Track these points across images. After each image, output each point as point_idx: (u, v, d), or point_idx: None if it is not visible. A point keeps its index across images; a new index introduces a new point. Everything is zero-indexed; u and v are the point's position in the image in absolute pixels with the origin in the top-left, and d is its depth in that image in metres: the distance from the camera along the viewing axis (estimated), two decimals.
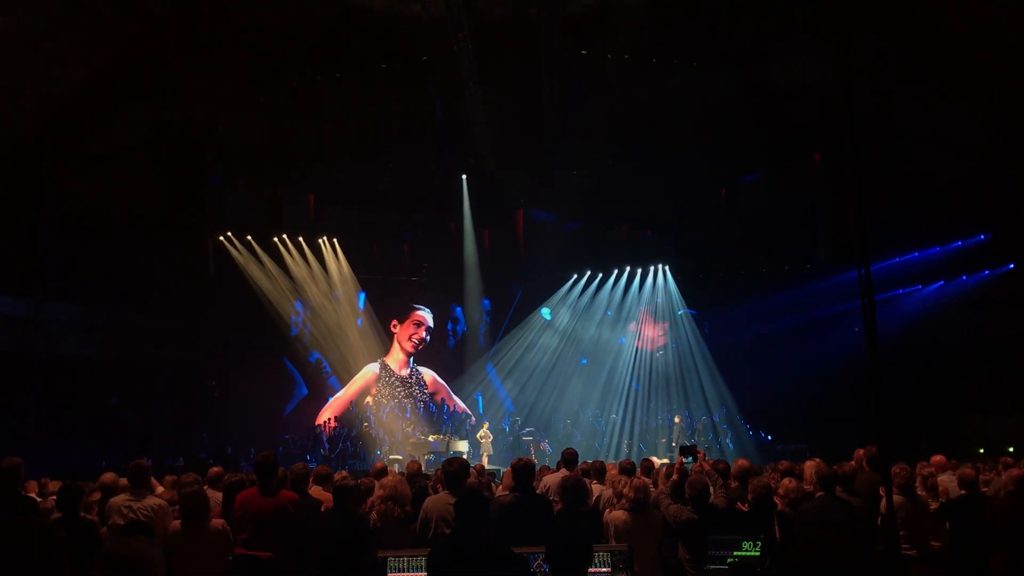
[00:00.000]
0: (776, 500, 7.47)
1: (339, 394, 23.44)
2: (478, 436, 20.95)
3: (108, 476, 7.70)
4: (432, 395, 24.28)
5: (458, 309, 25.17)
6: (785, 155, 21.37)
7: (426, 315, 24.49)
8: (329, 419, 22.27)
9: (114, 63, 17.93)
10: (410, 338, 24.21)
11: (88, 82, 18.00)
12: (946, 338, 19.79)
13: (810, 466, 8.19)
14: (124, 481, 7.42)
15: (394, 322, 24.28)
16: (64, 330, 19.62)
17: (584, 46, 18.94)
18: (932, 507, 7.94)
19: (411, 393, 23.96)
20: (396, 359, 24.29)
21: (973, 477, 7.75)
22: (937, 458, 9.62)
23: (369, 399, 23.34)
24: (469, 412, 23.90)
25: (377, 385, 23.72)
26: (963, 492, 7.67)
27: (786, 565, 2.17)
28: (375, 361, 23.81)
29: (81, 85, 17.98)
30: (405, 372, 24.23)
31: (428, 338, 24.51)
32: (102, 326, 20.50)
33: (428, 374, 24.57)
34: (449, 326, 25.35)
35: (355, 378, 23.51)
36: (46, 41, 16.76)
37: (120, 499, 6.97)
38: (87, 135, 19.20)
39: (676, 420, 22.40)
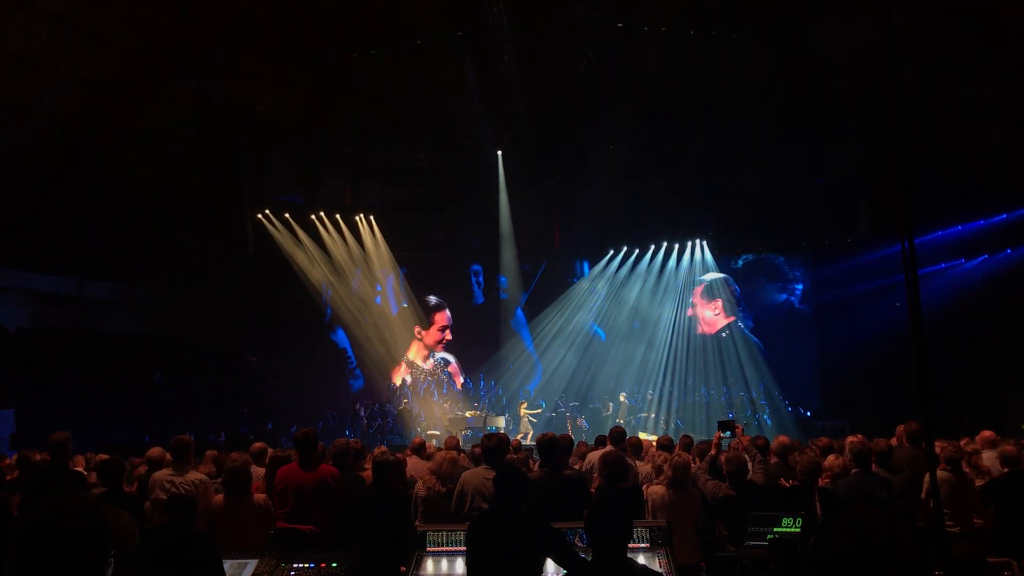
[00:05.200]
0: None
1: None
2: (521, 410, 21.02)
3: (155, 451, 7.82)
4: (451, 374, 24.43)
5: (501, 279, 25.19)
6: (825, 127, 21.07)
7: (444, 312, 24.53)
8: (367, 397, 22.57)
9: (153, 42, 18.08)
10: (438, 343, 24.30)
11: (128, 61, 18.19)
12: (990, 313, 19.46)
13: (850, 442, 8.10)
14: (169, 456, 7.54)
15: (417, 328, 24.22)
16: (107, 307, 19.94)
17: (620, 19, 18.73)
18: (977, 484, 7.84)
19: (439, 378, 24.08)
20: (419, 354, 24.33)
21: (1015, 454, 7.63)
22: (986, 434, 9.44)
23: (408, 377, 23.52)
24: (503, 390, 23.87)
25: (412, 375, 23.99)
26: (1005, 470, 7.55)
27: (831, 543, 2.14)
28: (404, 349, 24.06)
29: (121, 64, 18.17)
30: (430, 364, 24.30)
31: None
32: (144, 303, 20.81)
33: (450, 358, 24.62)
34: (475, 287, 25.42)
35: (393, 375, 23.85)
36: (87, 21, 16.93)
37: (163, 474, 7.09)
38: (127, 114, 19.41)
39: (621, 398, 22.31)
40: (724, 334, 23.85)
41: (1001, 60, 17.84)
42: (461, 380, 24.37)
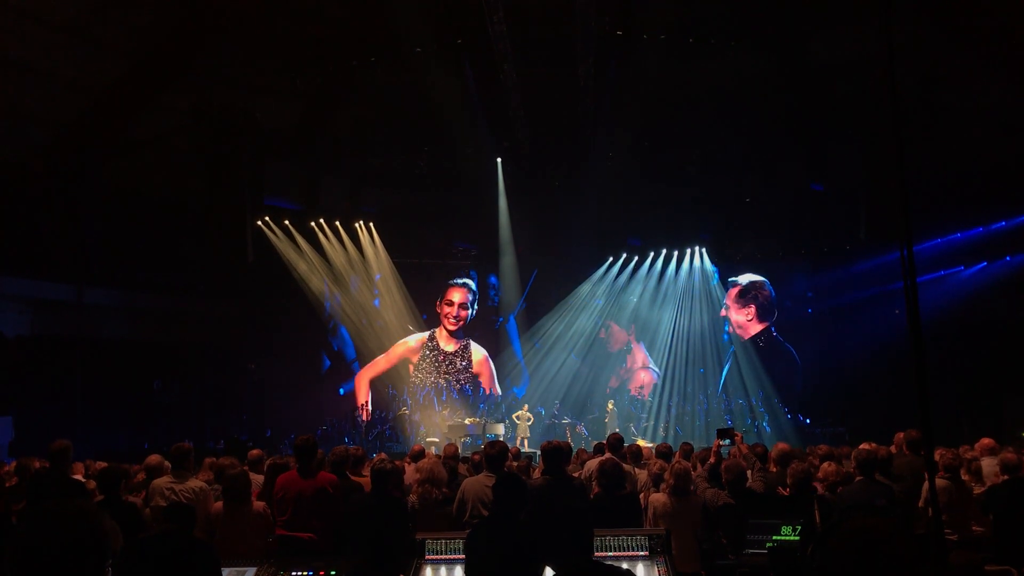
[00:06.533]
0: (816, 484, 7.41)
1: (379, 358, 23.58)
2: (514, 417, 20.96)
3: (154, 458, 7.83)
4: (476, 375, 24.25)
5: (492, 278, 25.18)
6: (825, 134, 21.10)
7: (461, 290, 24.36)
8: (366, 403, 22.58)
9: (154, 49, 18.10)
10: (446, 317, 24.19)
11: (128, 68, 18.20)
12: (989, 320, 19.46)
13: (858, 449, 8.09)
14: (169, 464, 7.53)
15: (438, 302, 24.31)
16: (106, 314, 19.92)
17: (620, 27, 18.77)
18: (976, 492, 7.83)
19: (454, 368, 23.99)
20: (443, 334, 24.29)
21: (1016, 462, 7.62)
22: (985, 441, 9.45)
23: (410, 377, 23.51)
24: (501, 397, 23.85)
25: (420, 354, 23.86)
26: (1005, 477, 7.55)
27: (830, 552, 2.14)
28: (423, 332, 24.01)
29: (121, 71, 18.18)
30: (451, 347, 24.22)
31: (469, 312, 24.39)
32: (143, 310, 20.79)
33: (479, 353, 24.47)
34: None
35: (397, 344, 23.68)
36: (87, 28, 16.95)
37: (163, 481, 7.09)
38: (127, 121, 19.41)
39: (609, 406, 22.29)
40: (761, 342, 23.73)
41: (1000, 67, 17.87)
42: (491, 386, 24.22)
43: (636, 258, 24.50)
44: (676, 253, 24.21)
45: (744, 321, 24.01)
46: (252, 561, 5.27)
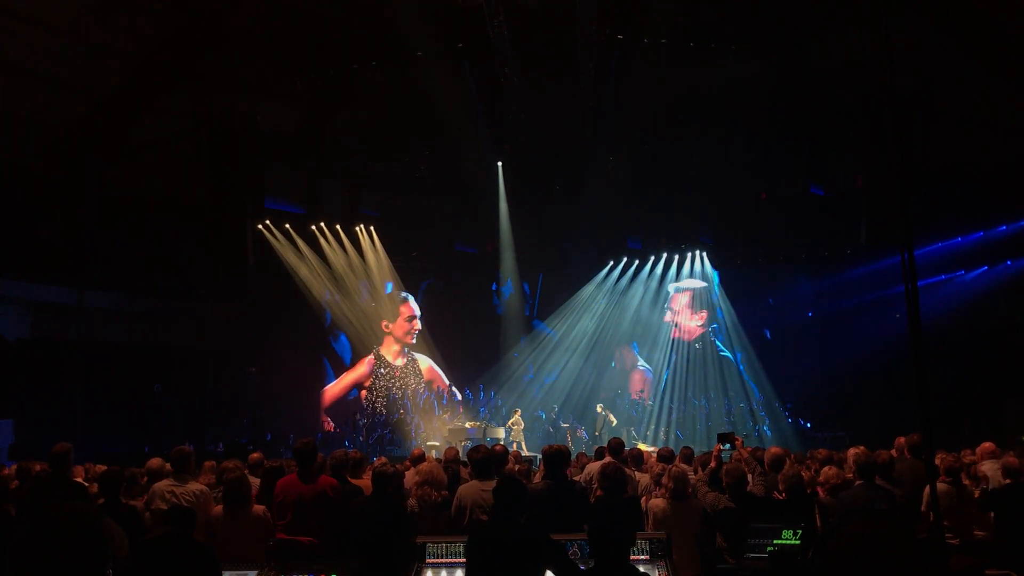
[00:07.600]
0: (816, 488, 7.40)
1: (331, 384, 23.69)
2: (509, 423, 20.92)
3: (155, 461, 7.81)
4: (428, 383, 24.13)
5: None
6: (825, 138, 21.10)
7: (413, 305, 24.32)
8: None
9: (155, 53, 18.12)
10: (407, 333, 24.03)
11: (129, 72, 18.23)
12: (990, 324, 19.45)
13: (852, 454, 8.07)
14: (170, 467, 7.52)
15: (385, 322, 23.99)
16: (107, 318, 19.91)
17: (620, 31, 18.79)
18: (977, 496, 7.82)
19: (407, 380, 23.86)
20: (391, 349, 24.07)
21: (1018, 466, 7.61)
22: (986, 445, 9.43)
23: (362, 400, 23.50)
24: (459, 399, 23.85)
25: (372, 375, 23.71)
26: (1007, 481, 7.54)
27: (829, 556, 2.14)
28: (371, 352, 23.92)
29: (123, 75, 18.21)
30: (401, 362, 24.08)
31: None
32: (144, 314, 20.78)
33: (425, 362, 24.36)
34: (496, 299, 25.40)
35: (350, 370, 23.73)
36: (89, 32, 16.97)
37: (163, 484, 7.08)
38: (129, 124, 19.43)
39: (599, 409, 22.20)
40: (697, 345, 23.91)
41: (1000, 71, 17.88)
42: (447, 384, 24.20)
43: (637, 262, 24.49)
44: (677, 257, 24.20)
45: (696, 327, 24.25)
46: (252, 564, 5.26)
